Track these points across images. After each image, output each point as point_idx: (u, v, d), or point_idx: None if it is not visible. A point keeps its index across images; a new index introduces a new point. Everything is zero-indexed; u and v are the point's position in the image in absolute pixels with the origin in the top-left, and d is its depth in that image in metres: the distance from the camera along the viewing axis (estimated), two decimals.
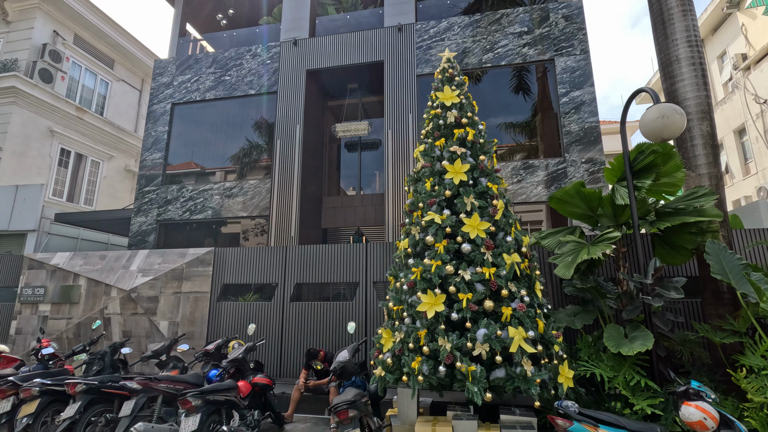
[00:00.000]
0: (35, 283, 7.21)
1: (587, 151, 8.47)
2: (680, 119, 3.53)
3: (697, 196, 4.31)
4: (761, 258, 4.96)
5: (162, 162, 10.72)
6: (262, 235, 10.11)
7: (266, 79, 10.54)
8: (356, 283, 6.20)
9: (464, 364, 3.45)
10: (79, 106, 13.99)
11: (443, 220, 4.05)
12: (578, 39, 9.05)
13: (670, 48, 4.94)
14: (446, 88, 4.77)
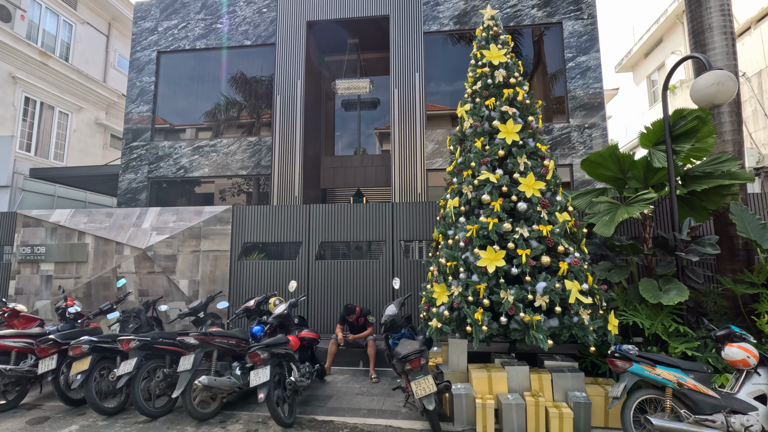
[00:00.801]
0: (34, 241, 6.80)
1: (591, 116, 8.73)
2: (733, 86, 3.74)
3: (721, 161, 4.63)
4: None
5: (150, 116, 10.08)
6: (239, 195, 9.85)
7: (263, 30, 9.95)
8: (383, 241, 6.29)
9: (527, 315, 3.68)
10: (42, 50, 12.70)
11: (498, 179, 4.16)
12: (586, 2, 9.07)
13: (704, 16, 5.10)
14: (492, 46, 4.74)
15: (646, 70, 18.32)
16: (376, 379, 5.08)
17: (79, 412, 4.19)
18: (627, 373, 3.35)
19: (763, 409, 3.16)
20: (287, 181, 9.23)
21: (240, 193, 9.88)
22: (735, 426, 3.11)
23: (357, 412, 4.17)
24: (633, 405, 3.31)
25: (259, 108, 10.14)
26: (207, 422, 3.92)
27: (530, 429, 3.71)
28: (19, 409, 4.30)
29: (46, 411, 4.23)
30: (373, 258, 6.59)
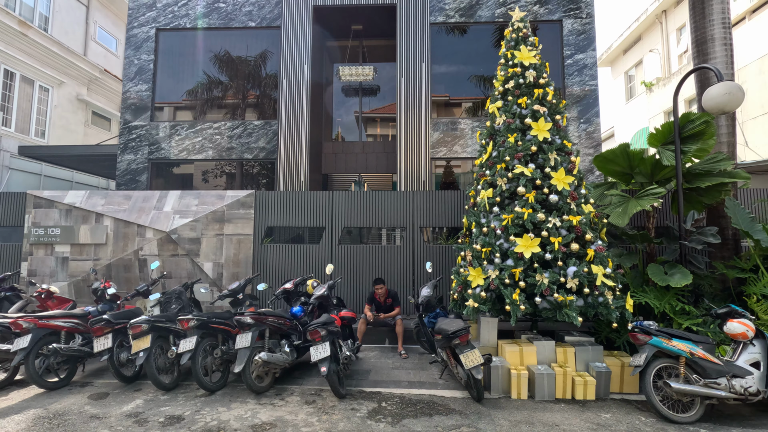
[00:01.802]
0: (47, 222, 6.69)
1: (586, 112, 9.27)
2: (742, 96, 4.26)
3: (717, 161, 5.21)
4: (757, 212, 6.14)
5: (149, 95, 9.87)
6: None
7: (268, 11, 9.86)
8: (403, 227, 6.63)
9: (561, 295, 4.15)
10: (22, 20, 12.01)
11: (531, 172, 4.56)
12: (585, 2, 9.53)
13: (707, 27, 5.62)
14: (523, 48, 5.09)
15: (624, 66, 19.21)
16: (406, 355, 5.48)
17: (135, 387, 4.37)
18: (647, 345, 3.88)
19: (757, 373, 3.76)
20: (293, 166, 9.35)
21: (247, 177, 9.90)
22: (736, 387, 3.70)
23: (399, 384, 4.55)
24: (652, 372, 3.85)
25: (264, 91, 10.11)
26: (264, 395, 4.20)
27: (558, 395, 4.21)
28: (72, 386, 4.42)
29: (100, 387, 4.38)
30: (393, 243, 6.94)
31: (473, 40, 9.89)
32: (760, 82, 11.23)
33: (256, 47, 10.08)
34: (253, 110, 10.12)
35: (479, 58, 9.88)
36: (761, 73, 11.26)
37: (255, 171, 9.92)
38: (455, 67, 9.95)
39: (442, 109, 10.19)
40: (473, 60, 9.93)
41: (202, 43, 10.05)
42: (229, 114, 10.11)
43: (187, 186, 9.92)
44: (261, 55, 10.15)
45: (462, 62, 9.92)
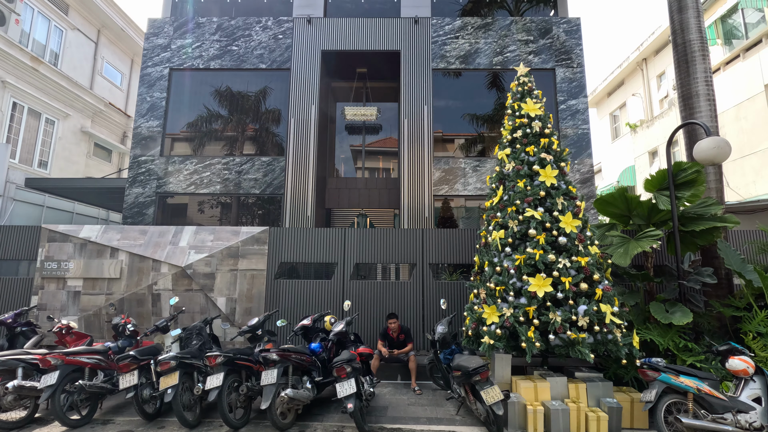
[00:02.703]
0: (60, 256, 6.76)
1: (579, 153, 9.82)
2: (729, 150, 4.72)
3: (707, 205, 5.64)
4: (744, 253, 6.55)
5: (160, 131, 10.15)
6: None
7: (278, 55, 10.39)
8: (413, 264, 6.87)
9: (574, 333, 4.39)
10: (34, 56, 12.36)
11: (541, 216, 4.89)
12: (576, 53, 10.29)
13: (692, 84, 6.19)
14: (529, 101, 5.55)
15: (609, 107, 20.28)
16: (420, 391, 5.59)
17: (158, 425, 4.40)
18: (657, 381, 4.12)
19: (759, 408, 4.01)
20: (300, 201, 9.61)
21: (252, 212, 10.10)
22: (741, 422, 3.92)
23: (417, 421, 4.66)
24: (663, 407, 4.06)
25: (273, 128, 10.49)
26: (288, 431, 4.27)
27: (572, 430, 4.37)
28: (94, 423, 4.43)
29: (122, 425, 4.40)
30: (403, 279, 7.14)
31: (467, 81, 10.51)
32: (737, 128, 12.03)
33: (266, 88, 10.52)
34: (261, 147, 10.45)
35: (472, 97, 10.50)
36: (738, 120, 12.09)
37: (262, 206, 10.14)
38: (449, 105, 10.50)
39: (437, 145, 10.63)
40: (466, 98, 10.53)
41: (214, 81, 10.47)
42: (238, 150, 10.42)
43: (193, 219, 10.07)
44: (270, 95, 10.59)
45: (455, 100, 10.51)
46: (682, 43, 6.32)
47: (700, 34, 6.28)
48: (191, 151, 10.39)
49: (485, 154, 10.33)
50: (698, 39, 6.22)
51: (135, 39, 16.79)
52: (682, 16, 6.32)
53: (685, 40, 6.27)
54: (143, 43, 10.73)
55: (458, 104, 10.56)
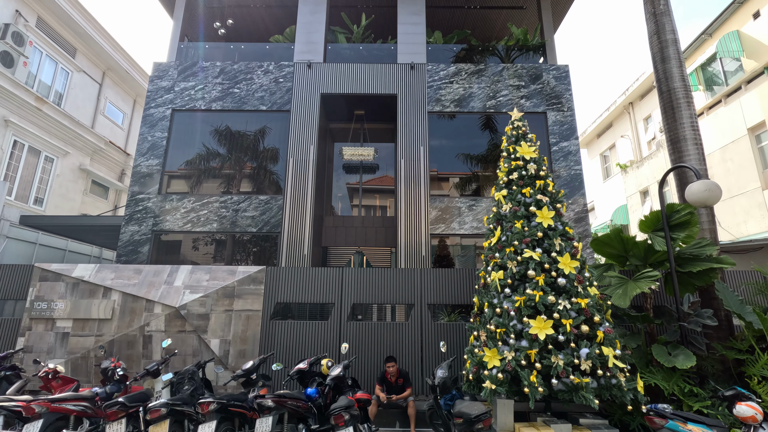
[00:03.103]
0: (51, 296, 6.62)
1: (573, 194, 9.99)
2: (719, 192, 4.84)
3: (702, 246, 5.71)
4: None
5: (160, 169, 10.25)
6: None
7: (279, 97, 10.70)
8: (411, 304, 6.79)
9: (577, 377, 4.30)
10: (39, 96, 12.65)
11: (539, 257, 4.92)
12: (565, 98, 10.69)
13: (678, 129, 6.43)
14: (524, 144, 5.71)
15: (599, 148, 20.85)
16: None
17: None
18: (665, 429, 4.00)
19: None
20: (297, 240, 9.59)
21: (248, 250, 10.05)
22: None
23: None
24: None
25: (271, 168, 10.63)
26: None
27: None
28: None
29: None
30: (401, 320, 7.03)
31: (461, 122, 10.82)
32: (724, 169, 12.37)
33: (266, 128, 10.76)
34: (258, 185, 10.54)
35: (466, 137, 10.79)
36: (724, 161, 12.45)
37: (258, 244, 10.10)
38: (444, 144, 10.75)
39: (433, 183, 10.77)
40: (460, 139, 10.82)
41: (214, 122, 10.70)
42: (235, 188, 10.50)
43: (187, 257, 9.98)
44: (269, 135, 10.80)
45: (450, 140, 10.78)
46: (667, 91, 6.62)
47: (683, 82, 6.59)
48: (189, 188, 10.45)
49: (480, 193, 10.48)
50: (682, 87, 6.52)
51: (139, 81, 17.28)
52: (666, 66, 6.66)
53: (669, 87, 6.58)
54: (147, 86, 11.04)
55: (453, 144, 10.83)
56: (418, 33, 11.18)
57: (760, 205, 11.07)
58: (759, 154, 11.47)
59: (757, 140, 11.61)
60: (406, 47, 11.14)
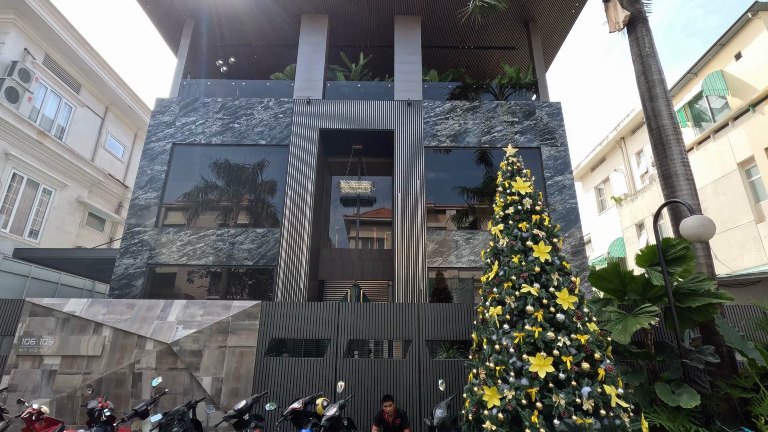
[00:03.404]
0: (40, 332, 6.46)
1: (569, 227, 10.05)
2: (713, 228, 4.89)
3: (700, 281, 5.70)
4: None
5: (157, 202, 10.28)
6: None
7: (278, 132, 10.90)
8: (409, 340, 6.66)
9: (580, 418, 4.17)
10: (41, 130, 12.83)
11: (537, 292, 4.88)
12: (558, 134, 10.95)
13: (670, 165, 6.56)
14: (518, 179, 5.80)
15: (594, 181, 21.14)
16: None
17: None
18: None
19: None
20: (293, 273, 9.51)
21: (243, 283, 9.94)
22: None
23: None
24: None
25: (269, 201, 10.68)
26: None
27: None
28: None
29: None
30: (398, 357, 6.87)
31: (457, 156, 11.00)
32: (717, 203, 12.52)
33: (264, 162, 10.90)
34: (256, 218, 10.56)
35: (462, 171, 10.94)
36: (716, 195, 12.63)
37: (253, 276, 10.00)
38: (440, 177, 10.88)
39: (430, 215, 10.81)
40: (456, 172, 10.96)
41: (213, 155, 10.84)
42: (233, 220, 10.51)
43: (181, 290, 9.85)
44: (268, 168, 10.93)
45: (446, 173, 10.92)
46: (657, 128, 6.80)
47: (672, 120, 6.79)
48: (186, 221, 10.45)
49: (477, 226, 10.52)
50: (671, 124, 6.71)
51: (141, 115, 17.61)
52: (654, 104, 6.88)
53: (658, 125, 6.77)
54: (149, 120, 11.25)
55: (449, 177, 10.97)
56: (414, 72, 11.56)
57: (755, 238, 11.14)
58: (750, 188, 11.67)
59: (747, 175, 11.84)
60: (402, 85, 11.49)
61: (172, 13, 12.22)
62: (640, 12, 7.52)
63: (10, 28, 12.16)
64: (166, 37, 13.06)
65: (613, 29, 7.70)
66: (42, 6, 12.37)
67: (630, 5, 7.58)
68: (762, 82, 12.03)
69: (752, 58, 12.43)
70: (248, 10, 12.03)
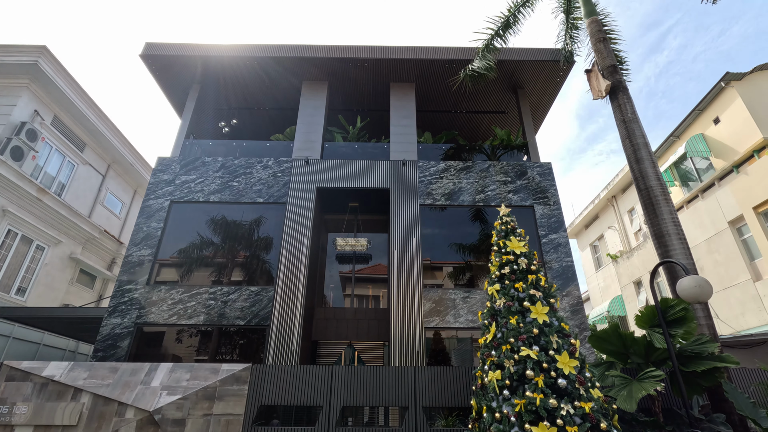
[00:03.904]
0: (15, 398, 6.09)
1: (567, 286, 9.96)
2: (710, 288, 4.86)
3: (702, 342, 5.56)
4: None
5: (151, 259, 10.18)
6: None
7: (276, 190, 11.09)
8: (405, 407, 6.32)
9: None
10: (41, 187, 12.99)
11: (537, 355, 4.73)
12: (551, 193, 11.20)
13: (661, 224, 6.66)
14: (513, 239, 5.83)
15: (588, 239, 21.29)
16: None
17: None
18: None
19: None
20: (286, 334, 9.23)
21: (234, 343, 9.60)
22: None
23: None
24: None
25: (264, 258, 10.61)
26: None
27: None
28: None
29: None
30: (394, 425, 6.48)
31: (452, 213, 11.13)
32: (713, 261, 12.55)
33: (261, 219, 10.98)
34: (250, 275, 10.43)
35: (458, 227, 11.02)
36: (711, 253, 12.69)
37: (245, 336, 9.68)
38: (436, 233, 10.93)
39: (426, 272, 10.71)
40: (452, 228, 11.04)
41: (211, 212, 10.92)
42: (226, 277, 10.36)
43: (168, 350, 9.47)
44: (264, 224, 10.97)
45: (442, 229, 10.99)
46: (645, 189, 6.99)
47: (659, 181, 6.99)
48: (179, 277, 10.29)
49: (474, 283, 10.41)
50: (658, 185, 6.91)
51: (141, 173, 17.97)
52: (640, 166, 7.12)
53: (647, 186, 6.96)
54: (149, 178, 11.45)
55: (445, 233, 11.03)
56: (410, 134, 12.03)
57: (755, 297, 11.04)
58: (743, 247, 11.76)
59: (739, 233, 11.99)
60: (398, 146, 11.90)
61: (181, 79, 12.89)
62: (620, 81, 8.02)
63: (23, 91, 12.73)
64: (171, 100, 13.67)
65: (597, 97, 8.16)
66: (56, 72, 13.05)
67: (610, 75, 8.10)
68: (741, 145, 12.57)
69: (729, 122, 13.09)
70: (254, 75, 12.73)
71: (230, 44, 12.40)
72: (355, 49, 12.34)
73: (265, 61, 12.30)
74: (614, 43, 9.75)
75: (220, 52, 12.29)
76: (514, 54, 12.25)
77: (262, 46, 12.35)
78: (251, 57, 12.23)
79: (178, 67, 12.55)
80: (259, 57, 12.23)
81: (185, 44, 12.38)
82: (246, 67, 12.51)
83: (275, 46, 12.37)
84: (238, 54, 12.28)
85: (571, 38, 11.18)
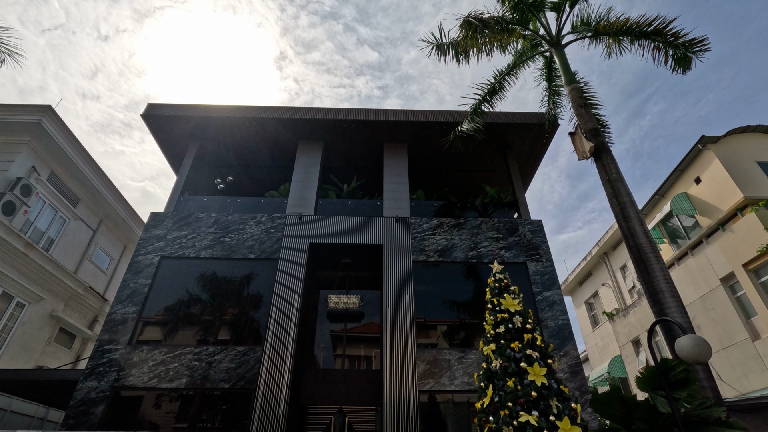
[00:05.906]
0: None
1: (564, 345, 9.71)
2: (708, 348, 4.76)
3: (707, 407, 5.33)
4: None
5: (135, 317, 9.83)
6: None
7: (268, 246, 11.03)
8: None
9: None
10: (29, 242, 12.79)
11: (537, 421, 4.49)
12: (542, 250, 11.26)
13: (654, 282, 6.66)
14: (507, 296, 5.77)
15: (583, 296, 21.10)
16: None
17: None
18: None
19: None
20: (273, 398, 8.73)
21: (216, 408, 9.02)
22: None
23: None
24: None
25: (252, 316, 10.31)
26: None
27: None
28: None
29: None
30: None
31: (446, 270, 11.07)
32: (709, 319, 12.41)
33: (252, 275, 10.80)
34: (237, 334, 10.07)
35: (451, 284, 10.91)
36: (707, 310, 12.58)
37: (228, 400, 9.12)
38: (429, 290, 10.77)
39: (420, 331, 10.39)
40: (446, 285, 10.92)
41: (201, 268, 10.74)
42: (212, 336, 9.97)
43: (145, 416, 8.85)
44: (254, 281, 10.77)
45: (436, 286, 10.85)
46: (635, 246, 7.07)
47: (648, 238, 7.09)
48: (163, 336, 9.88)
49: (469, 342, 10.11)
50: (647, 243, 7.00)
51: (133, 228, 17.87)
52: (629, 224, 7.25)
53: (636, 243, 7.04)
54: (141, 233, 11.37)
55: (439, 290, 10.89)
56: (402, 191, 12.27)
57: (755, 357, 10.80)
58: (738, 305, 11.70)
59: (732, 290, 11.98)
60: (391, 203, 12.08)
61: (179, 138, 13.27)
62: (603, 143, 8.39)
63: (23, 148, 12.96)
64: (169, 157, 13.96)
65: (582, 158, 8.50)
66: (57, 130, 13.39)
67: (593, 137, 8.49)
68: (724, 203, 12.95)
69: (710, 182, 13.57)
70: (251, 134, 13.14)
71: (229, 105, 12.95)
72: (350, 111, 12.93)
73: (262, 121, 12.78)
74: (595, 108, 10.34)
75: (219, 113, 12.79)
76: (501, 117, 12.87)
77: (260, 107, 12.90)
78: (249, 117, 12.72)
79: (177, 126, 12.96)
80: (257, 118, 12.71)
81: (184, 105, 12.89)
82: (243, 127, 12.95)
83: (273, 107, 12.93)
84: (236, 114, 12.77)
85: (554, 103, 11.85)
